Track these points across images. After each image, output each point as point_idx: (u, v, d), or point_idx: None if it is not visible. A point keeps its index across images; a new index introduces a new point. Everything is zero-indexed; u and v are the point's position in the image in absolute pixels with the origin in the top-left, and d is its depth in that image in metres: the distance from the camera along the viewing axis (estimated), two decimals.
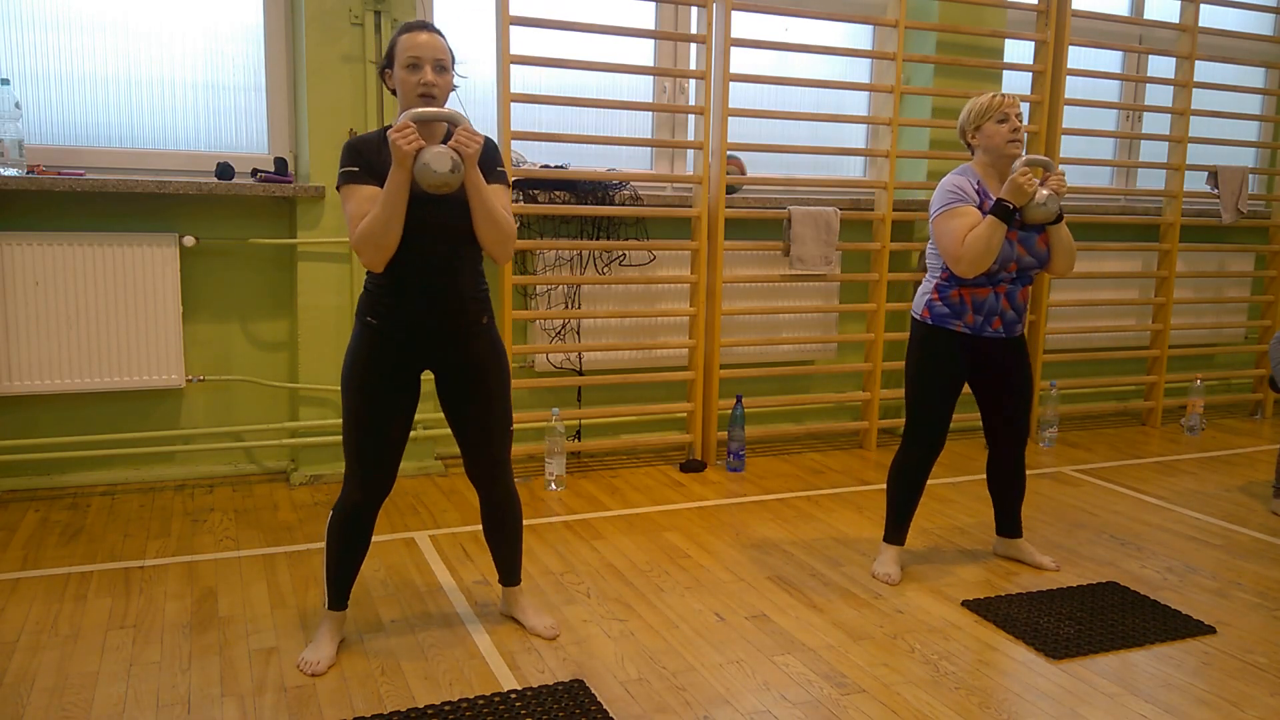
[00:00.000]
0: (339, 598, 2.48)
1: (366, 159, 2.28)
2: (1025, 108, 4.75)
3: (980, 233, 2.79)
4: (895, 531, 3.09)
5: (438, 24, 3.90)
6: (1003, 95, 2.88)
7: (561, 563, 3.12)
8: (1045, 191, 2.83)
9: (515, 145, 3.90)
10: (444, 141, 2.30)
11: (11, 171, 3.36)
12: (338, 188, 2.31)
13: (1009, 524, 3.21)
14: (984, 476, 4.14)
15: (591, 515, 3.59)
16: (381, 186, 2.23)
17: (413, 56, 2.26)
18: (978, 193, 2.88)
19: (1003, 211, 2.78)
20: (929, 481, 4.06)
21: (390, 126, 2.24)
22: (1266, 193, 5.60)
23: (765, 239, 4.37)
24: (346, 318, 3.84)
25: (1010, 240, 2.86)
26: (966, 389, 3.09)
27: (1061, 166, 4.72)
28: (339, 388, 3.82)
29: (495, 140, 3.83)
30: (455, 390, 2.46)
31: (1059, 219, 2.90)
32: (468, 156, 2.23)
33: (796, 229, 4.28)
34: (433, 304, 2.35)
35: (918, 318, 3.01)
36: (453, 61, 2.35)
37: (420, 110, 2.23)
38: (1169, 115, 5.05)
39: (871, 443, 4.59)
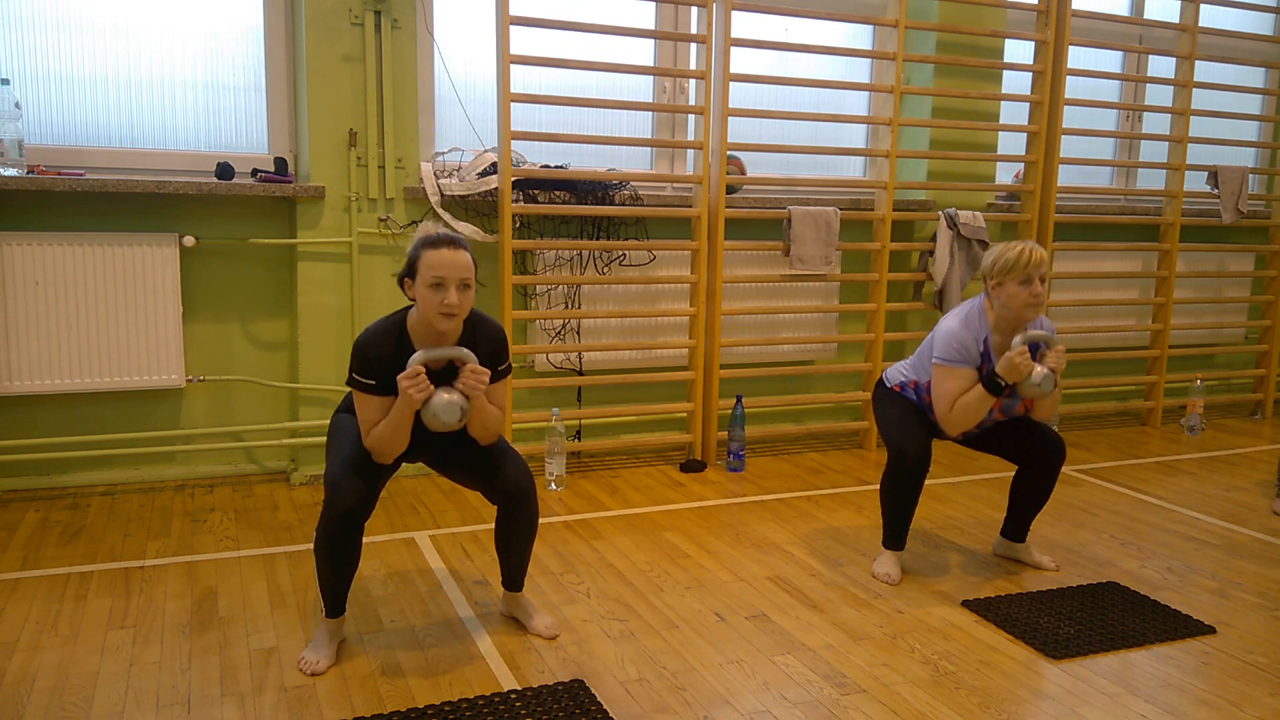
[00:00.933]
0: (335, 606, 2.47)
1: (380, 371, 2.32)
2: (1024, 108, 4.75)
3: (968, 402, 2.84)
4: (894, 539, 3.08)
5: (437, 27, 3.92)
6: (1030, 251, 2.76)
7: (561, 563, 3.12)
8: (1042, 371, 2.80)
9: (515, 145, 3.90)
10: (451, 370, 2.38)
11: (11, 171, 3.36)
12: (348, 383, 2.38)
13: (1018, 529, 3.19)
14: (985, 476, 4.15)
15: (591, 515, 3.59)
16: (392, 395, 2.31)
17: (437, 276, 2.24)
18: (982, 354, 2.88)
19: (993, 386, 2.82)
20: (929, 482, 4.07)
21: (400, 320, 2.34)
22: (1266, 193, 5.60)
23: (765, 239, 4.37)
24: (346, 318, 3.84)
25: (992, 409, 2.91)
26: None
27: (1061, 166, 4.74)
28: (340, 388, 3.85)
29: (494, 142, 3.84)
30: (450, 460, 2.56)
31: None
32: (473, 398, 2.32)
33: (796, 229, 4.28)
34: (426, 445, 2.48)
35: (888, 386, 3.09)
36: (475, 274, 2.33)
37: (430, 353, 2.29)
38: (1169, 115, 5.05)
39: (871, 443, 4.59)
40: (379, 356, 2.32)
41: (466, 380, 2.30)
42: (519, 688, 2.33)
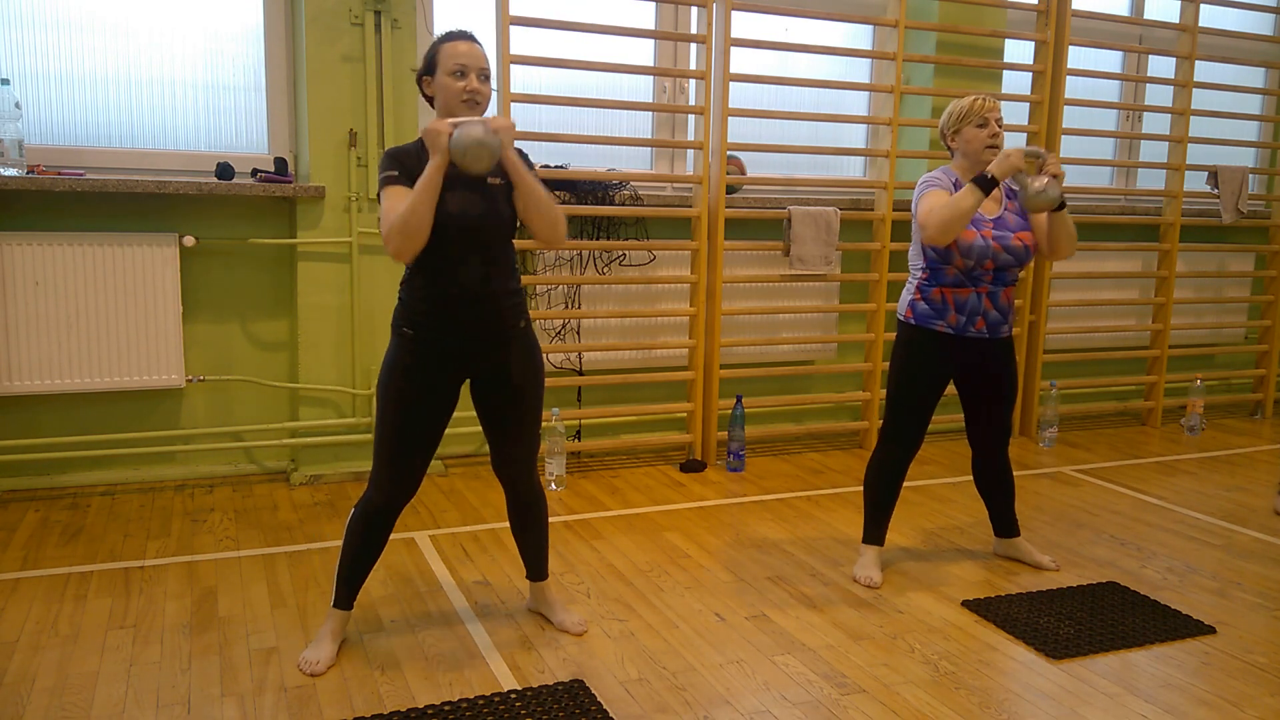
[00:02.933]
0: (347, 597, 2.48)
1: (404, 164, 2.30)
2: (1024, 108, 4.75)
3: (954, 199, 2.77)
4: (874, 531, 3.09)
5: (437, 24, 3.91)
6: (983, 99, 2.87)
7: (561, 563, 3.12)
8: (1044, 179, 2.81)
9: (515, 145, 3.89)
10: None
11: (11, 171, 3.36)
12: (378, 193, 2.33)
13: (1004, 524, 3.21)
14: None
15: (591, 515, 3.59)
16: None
17: (459, 64, 2.29)
18: (956, 186, 2.88)
19: (983, 181, 2.76)
20: (929, 482, 4.07)
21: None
22: (1266, 193, 5.60)
23: (765, 239, 4.37)
24: (346, 318, 3.84)
25: (985, 237, 2.85)
26: (951, 390, 3.10)
27: (1061, 167, 4.73)
28: (339, 388, 3.86)
29: None
30: (491, 395, 2.49)
31: (1062, 205, 2.89)
32: (504, 130, 2.24)
33: (796, 229, 4.28)
34: (468, 309, 2.35)
35: (902, 318, 3.02)
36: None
37: (459, 120, 2.23)
38: (1169, 115, 5.05)
39: (871, 443, 4.59)
40: (405, 153, 2.32)
41: (494, 121, 2.24)
42: (519, 688, 2.33)
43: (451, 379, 2.43)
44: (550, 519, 3.50)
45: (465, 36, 2.35)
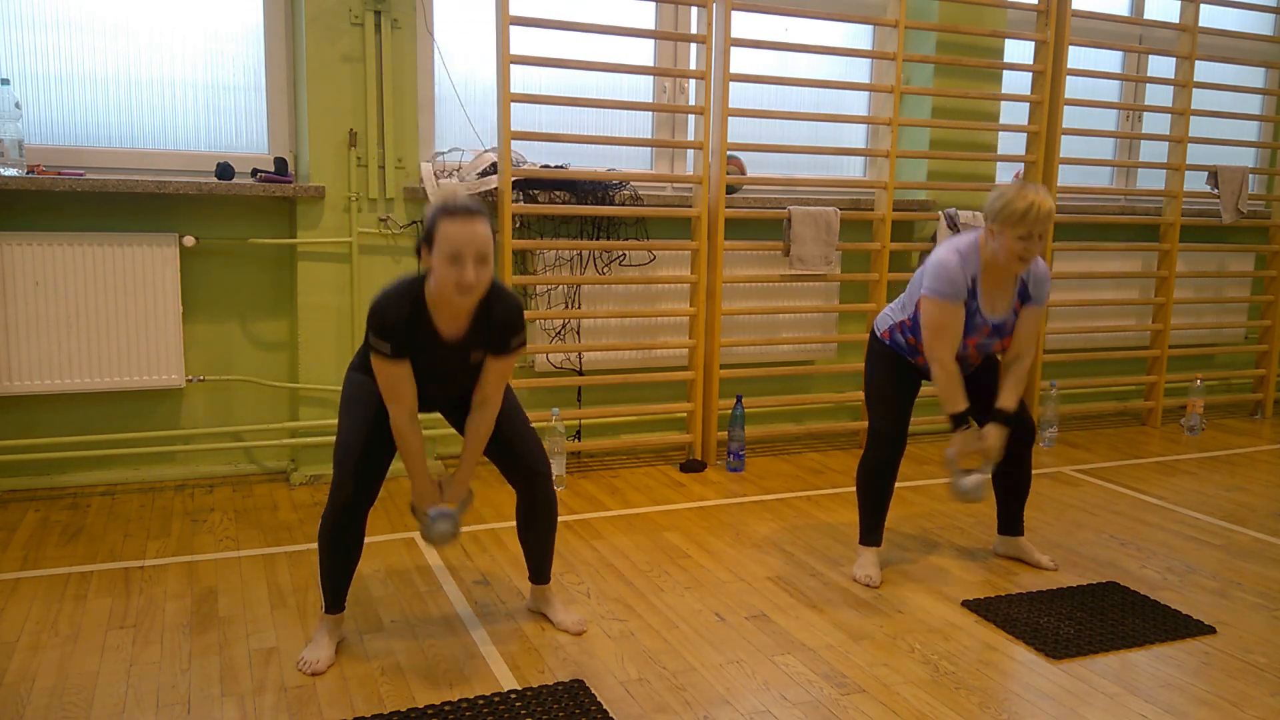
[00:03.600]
0: (336, 601, 2.48)
1: (398, 340, 2.28)
2: (1024, 108, 4.74)
3: (938, 381, 2.87)
4: (871, 533, 3.09)
5: (437, 25, 3.92)
6: (1038, 207, 2.68)
7: (561, 563, 3.12)
8: (977, 477, 2.91)
9: (515, 145, 3.90)
10: (476, 320, 2.38)
11: (11, 171, 3.36)
12: (366, 346, 2.34)
13: (1011, 522, 3.21)
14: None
15: (591, 515, 3.59)
16: (407, 359, 2.31)
17: (454, 250, 2.16)
18: (971, 288, 2.85)
19: (956, 421, 2.90)
20: (929, 482, 4.07)
21: (416, 284, 2.29)
22: (1266, 193, 5.60)
23: (765, 239, 4.37)
24: (346, 318, 3.84)
25: (967, 344, 2.92)
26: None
27: (1061, 166, 4.74)
28: (339, 388, 3.84)
29: (494, 142, 3.84)
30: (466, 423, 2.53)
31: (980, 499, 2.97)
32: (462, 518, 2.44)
33: (796, 229, 4.28)
34: (437, 398, 2.51)
35: (878, 334, 3.06)
36: (494, 246, 2.28)
37: (427, 512, 2.42)
38: (1169, 115, 5.05)
39: None
40: (397, 321, 2.27)
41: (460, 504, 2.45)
42: (519, 688, 2.33)
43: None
44: None
45: (465, 213, 2.19)
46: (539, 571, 2.68)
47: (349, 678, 2.38)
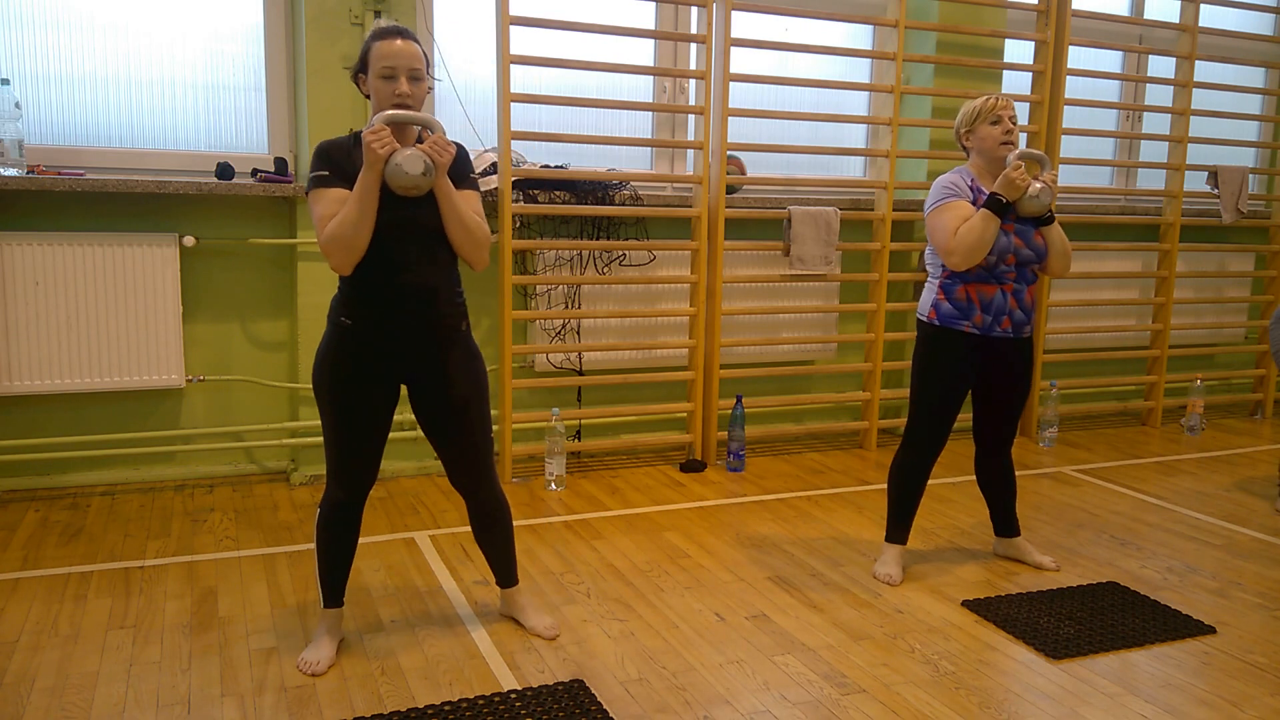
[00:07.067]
0: (334, 596, 2.48)
1: (336, 162, 2.26)
2: (1024, 108, 4.75)
3: (973, 224, 2.79)
4: (897, 531, 3.09)
5: (437, 25, 3.91)
6: (997, 97, 2.87)
7: (561, 563, 3.12)
8: (1038, 184, 2.83)
9: (515, 145, 3.90)
10: (416, 144, 2.29)
11: (11, 171, 3.36)
12: (306, 192, 2.27)
13: (1006, 523, 3.21)
14: None
15: (591, 515, 3.59)
16: (351, 189, 2.21)
17: (387, 66, 2.23)
18: (971, 189, 2.89)
19: (995, 204, 2.79)
20: (929, 482, 4.07)
21: (361, 131, 2.23)
22: (1266, 193, 5.60)
23: (765, 239, 4.37)
24: None
25: (1006, 232, 2.85)
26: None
27: (1061, 166, 4.75)
28: None
29: (494, 142, 3.84)
30: (431, 402, 2.43)
31: (1050, 218, 2.90)
32: (439, 165, 2.23)
33: (796, 229, 4.28)
34: (407, 305, 2.32)
35: (924, 319, 3.00)
36: (428, 67, 2.31)
37: (395, 113, 2.22)
38: (1169, 115, 5.05)
39: (871, 443, 4.59)
40: (338, 152, 2.27)
41: (432, 147, 2.22)
42: (519, 688, 2.33)
43: (388, 375, 2.37)
44: (551, 519, 3.53)
45: (397, 33, 2.26)
46: (504, 575, 2.66)
47: (349, 678, 2.38)
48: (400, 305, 2.31)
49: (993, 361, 2.97)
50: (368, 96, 2.31)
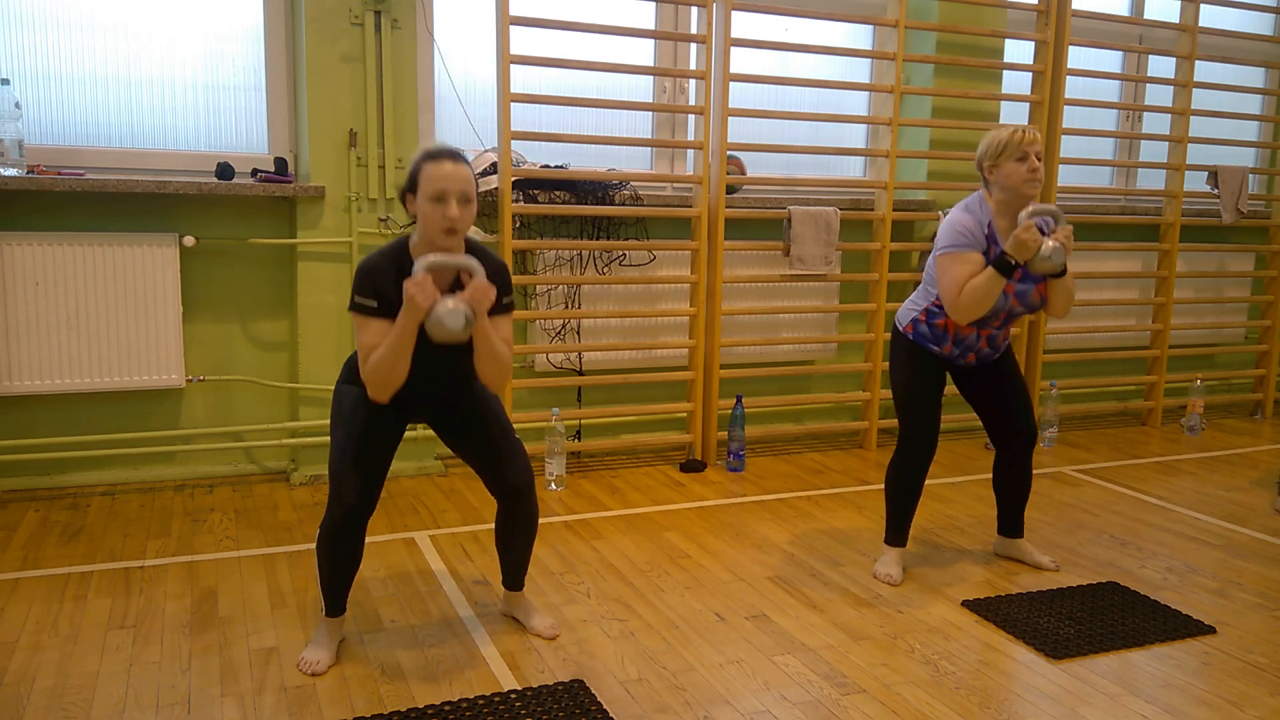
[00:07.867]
0: (336, 606, 2.47)
1: (381, 291, 2.25)
2: (1024, 108, 4.75)
3: (979, 284, 2.75)
4: (896, 534, 3.09)
5: (437, 25, 3.92)
6: (1024, 130, 2.75)
7: (561, 563, 3.12)
8: (1052, 243, 2.73)
9: (515, 145, 3.90)
10: (456, 281, 2.31)
11: (11, 171, 3.36)
12: (350, 309, 2.30)
13: (1012, 524, 3.21)
14: (985, 476, 4.15)
15: (591, 515, 3.59)
16: (394, 318, 2.23)
17: (439, 189, 2.18)
18: (987, 237, 2.83)
19: (1004, 266, 2.73)
20: (929, 482, 4.07)
21: (402, 243, 2.27)
22: (1266, 193, 5.60)
23: (765, 239, 4.37)
24: (346, 318, 3.83)
25: (1006, 293, 2.83)
26: (958, 395, 3.12)
27: (1061, 166, 4.75)
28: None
29: (494, 142, 3.84)
30: (454, 430, 2.51)
31: (1063, 273, 2.83)
32: (480, 314, 2.23)
33: (796, 229, 4.28)
34: (426, 390, 2.41)
35: (900, 329, 3.03)
36: (476, 188, 2.28)
37: (436, 259, 2.21)
38: (1169, 115, 5.05)
39: (871, 443, 4.59)
40: (383, 278, 2.26)
41: (474, 294, 2.21)
42: (519, 688, 2.33)
43: (406, 417, 2.47)
44: (550, 519, 3.53)
45: (447, 155, 2.22)
46: (515, 579, 2.67)
47: (349, 678, 2.38)
48: (418, 388, 2.39)
49: (968, 376, 3.04)
50: (413, 219, 2.28)
